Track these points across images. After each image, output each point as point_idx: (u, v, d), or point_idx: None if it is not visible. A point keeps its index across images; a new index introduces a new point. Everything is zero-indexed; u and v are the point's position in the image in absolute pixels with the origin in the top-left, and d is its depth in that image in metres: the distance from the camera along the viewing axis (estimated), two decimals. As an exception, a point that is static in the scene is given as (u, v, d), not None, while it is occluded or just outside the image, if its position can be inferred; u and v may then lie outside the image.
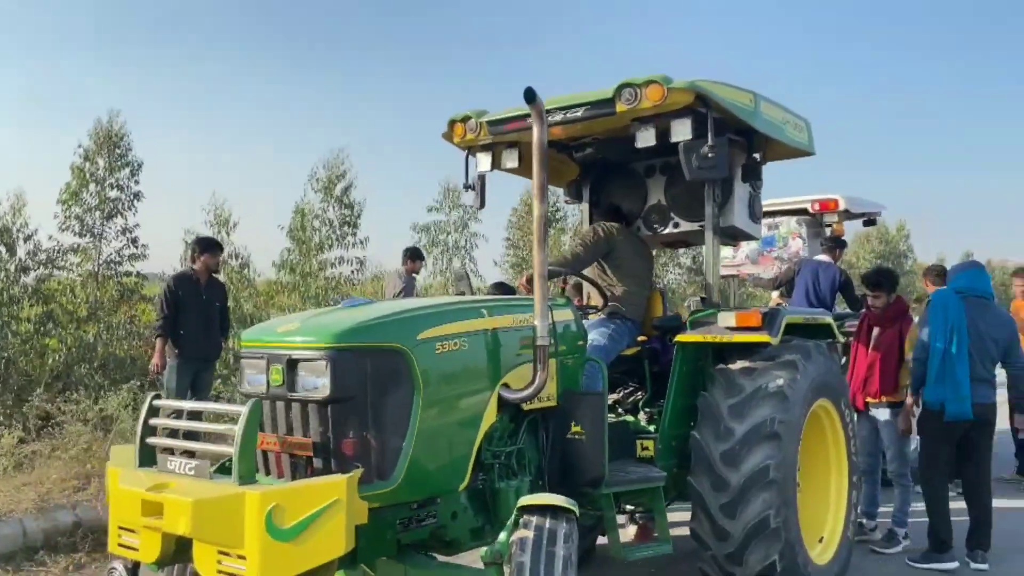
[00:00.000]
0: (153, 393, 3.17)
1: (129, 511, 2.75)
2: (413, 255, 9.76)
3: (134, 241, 13.06)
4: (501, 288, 4.94)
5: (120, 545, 2.88)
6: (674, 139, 4.29)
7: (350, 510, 2.62)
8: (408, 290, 9.29)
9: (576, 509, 2.99)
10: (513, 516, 2.99)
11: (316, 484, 2.66)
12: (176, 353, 6.81)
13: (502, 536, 3.00)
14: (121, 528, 2.88)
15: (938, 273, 7.50)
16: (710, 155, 4.17)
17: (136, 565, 2.96)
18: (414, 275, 9.79)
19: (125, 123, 12.31)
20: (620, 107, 4.19)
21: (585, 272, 4.77)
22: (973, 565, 5.22)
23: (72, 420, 7.06)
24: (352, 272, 14.28)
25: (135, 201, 12.73)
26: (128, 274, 11.90)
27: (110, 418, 7.27)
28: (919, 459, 5.67)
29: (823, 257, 7.56)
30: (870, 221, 9.20)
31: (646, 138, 4.36)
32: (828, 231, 8.46)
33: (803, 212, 8.33)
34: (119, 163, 12.24)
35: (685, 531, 4.29)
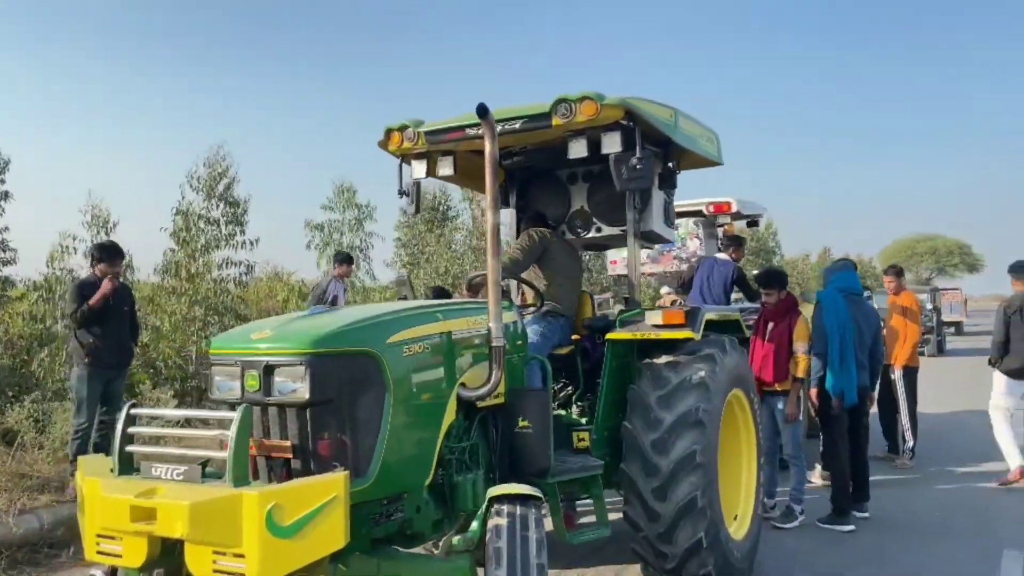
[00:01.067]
0: (130, 402, 3.19)
1: (115, 518, 2.78)
2: (344, 259, 9.83)
3: (2, 244, 12.36)
4: (440, 292, 5.14)
5: (99, 552, 2.91)
6: (605, 151, 4.62)
7: (347, 506, 2.78)
8: (336, 296, 9.21)
9: (542, 496, 3.25)
10: (484, 506, 3.21)
11: (316, 483, 2.79)
12: (86, 362, 6.57)
13: (474, 525, 3.21)
14: (100, 536, 2.90)
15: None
16: (638, 166, 4.53)
17: (114, 571, 3.00)
18: (346, 280, 9.80)
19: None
20: (556, 121, 4.48)
21: (522, 275, 5.04)
22: (858, 514, 6.18)
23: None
24: (240, 275, 13.81)
25: (3, 201, 12.05)
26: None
27: (12, 431, 6.94)
28: (824, 440, 6.29)
29: (723, 255, 8.14)
30: (753, 222, 9.94)
31: (578, 150, 4.68)
32: (720, 231, 9.09)
33: (699, 214, 8.91)
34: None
35: (617, 515, 4.64)
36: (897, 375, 8.39)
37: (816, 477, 7.45)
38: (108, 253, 6.99)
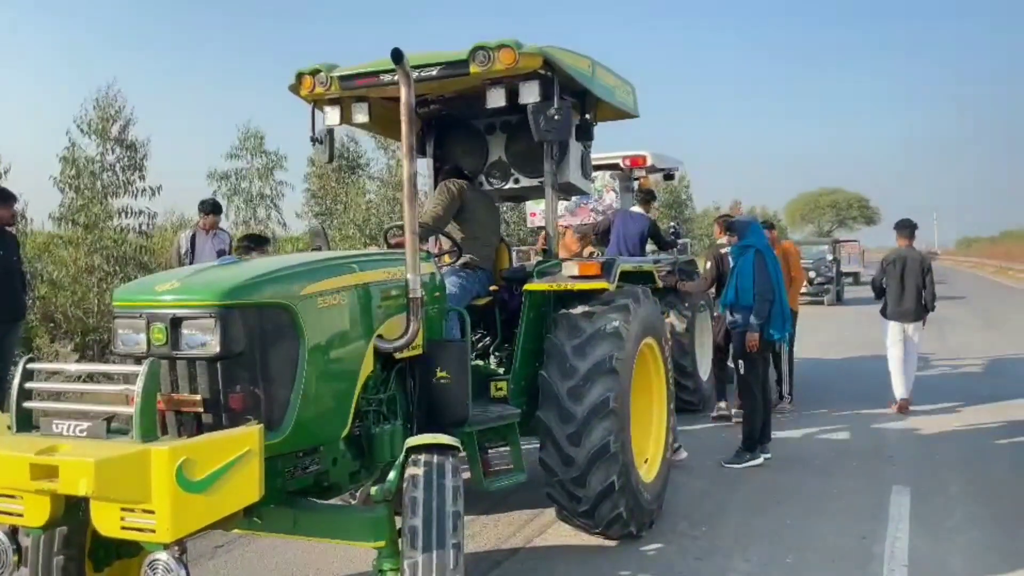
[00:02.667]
0: (26, 356, 3.03)
1: (14, 476, 2.65)
2: (212, 208, 8.85)
3: None
4: (256, 240, 5.05)
5: (-1, 512, 2.79)
6: (523, 100, 4.59)
7: (261, 459, 2.74)
8: (209, 249, 8.26)
9: (459, 445, 3.28)
10: (402, 456, 3.21)
11: (228, 436, 2.73)
12: None
13: (391, 475, 3.21)
14: (-1, 496, 2.78)
15: (729, 224, 8.47)
16: (556, 117, 4.52)
17: (15, 530, 2.88)
18: (212, 231, 8.67)
19: None
20: (474, 68, 4.41)
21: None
22: (763, 456, 6.71)
23: None
24: (141, 225, 13.13)
25: None
26: None
27: None
28: (748, 381, 6.68)
29: (637, 209, 8.28)
30: (669, 176, 10.11)
31: (496, 98, 4.63)
32: (636, 184, 9.22)
33: (615, 167, 9.01)
34: None
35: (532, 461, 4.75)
36: None
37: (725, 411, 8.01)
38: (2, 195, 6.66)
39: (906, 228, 8.71)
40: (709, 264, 8.06)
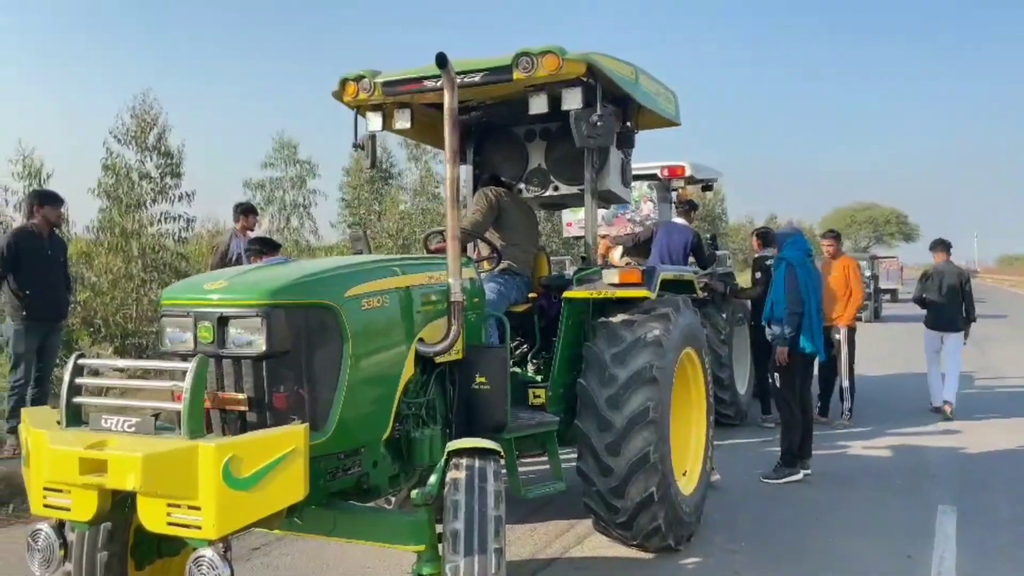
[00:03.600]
0: (77, 352, 3.07)
1: (63, 470, 2.68)
2: (246, 210, 8.94)
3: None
4: (265, 243, 5.07)
5: (46, 506, 2.81)
6: (565, 107, 4.58)
7: (306, 458, 2.74)
8: (239, 254, 8.53)
9: (500, 450, 3.25)
10: (443, 460, 3.19)
11: (274, 434, 2.74)
12: (23, 315, 6.32)
13: (432, 479, 3.19)
14: (47, 489, 2.81)
15: (764, 235, 8.49)
16: (599, 123, 4.50)
17: (61, 525, 2.91)
18: (249, 232, 8.86)
19: None
20: (517, 75, 4.41)
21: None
22: (803, 471, 6.58)
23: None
24: (180, 230, 13.32)
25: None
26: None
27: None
28: (786, 396, 6.58)
29: (679, 220, 8.22)
30: (708, 187, 10.02)
31: (539, 105, 4.63)
32: (674, 195, 9.16)
33: (653, 177, 8.95)
34: None
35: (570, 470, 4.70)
36: (843, 334, 8.64)
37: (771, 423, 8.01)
38: (47, 198, 6.73)
39: (941, 245, 9.44)
40: (759, 274, 8.17)
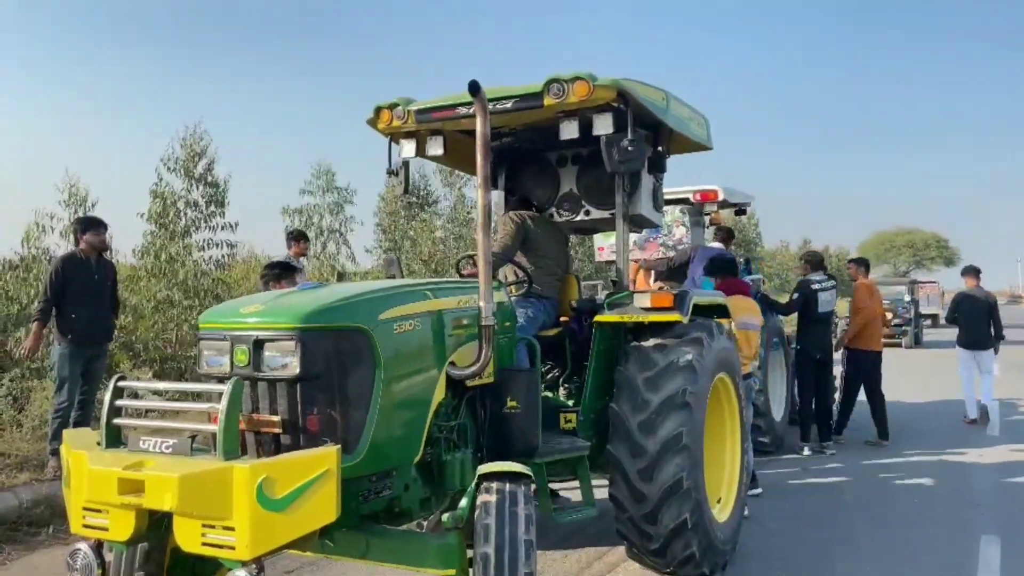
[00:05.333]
0: (118, 374, 3.14)
1: (102, 491, 2.74)
2: (298, 237, 9.39)
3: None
4: (283, 267, 5.13)
5: (85, 526, 2.87)
6: (596, 132, 4.60)
7: (339, 479, 2.76)
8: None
9: (531, 474, 3.25)
10: (473, 484, 3.20)
11: (307, 456, 2.77)
12: (68, 339, 6.47)
13: (463, 502, 3.20)
14: (86, 509, 2.87)
15: (812, 259, 8.63)
16: (630, 148, 4.52)
17: (100, 545, 2.96)
18: (302, 258, 9.47)
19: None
20: (548, 101, 4.45)
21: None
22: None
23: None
24: (223, 256, 13.63)
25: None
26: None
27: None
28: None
29: (717, 245, 8.19)
30: (741, 211, 9.97)
31: (570, 130, 4.66)
32: (707, 219, 9.12)
33: (686, 202, 8.92)
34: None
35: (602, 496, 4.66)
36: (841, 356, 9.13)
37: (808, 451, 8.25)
38: (89, 224, 6.85)
39: (972, 271, 10.45)
40: (796, 295, 8.40)
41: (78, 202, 12.10)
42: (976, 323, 10.08)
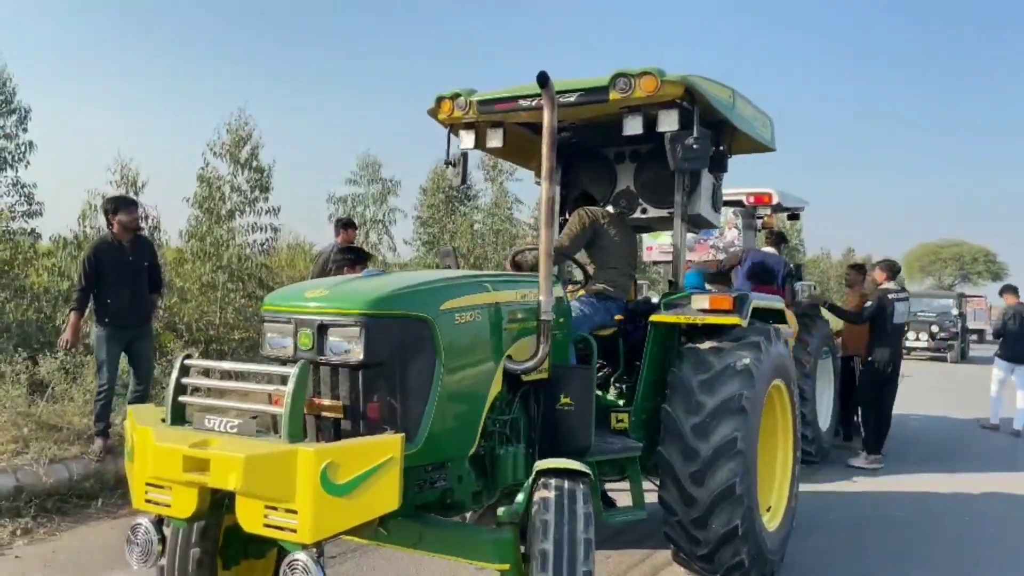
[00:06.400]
0: (184, 352, 3.16)
1: (167, 467, 2.76)
2: (346, 224, 9.40)
3: (28, 196, 12.35)
4: (354, 251, 5.08)
5: (148, 501, 2.89)
6: (661, 129, 4.53)
7: (402, 468, 2.75)
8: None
9: (590, 472, 3.21)
10: (531, 479, 3.16)
11: (373, 443, 2.76)
12: (105, 321, 6.33)
13: (519, 498, 3.16)
14: (149, 485, 2.89)
15: (891, 267, 8.51)
16: (695, 146, 4.44)
17: (161, 520, 2.98)
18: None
19: (6, 65, 11.57)
20: (614, 95, 4.39)
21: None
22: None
23: (5, 383, 6.72)
24: (267, 240, 13.77)
25: (27, 152, 12.08)
26: (22, 232, 11.24)
27: (43, 382, 6.98)
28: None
29: (769, 249, 8.06)
30: (794, 215, 9.80)
31: (634, 126, 4.59)
32: (759, 223, 8.98)
33: (739, 204, 8.79)
34: (3, 108, 11.52)
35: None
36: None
37: (862, 462, 8.11)
38: (120, 203, 6.59)
39: (1010, 289, 11.20)
40: (870, 303, 8.25)
41: (129, 183, 12.34)
42: (1020, 337, 10.77)
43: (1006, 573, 5.25)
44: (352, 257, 6.45)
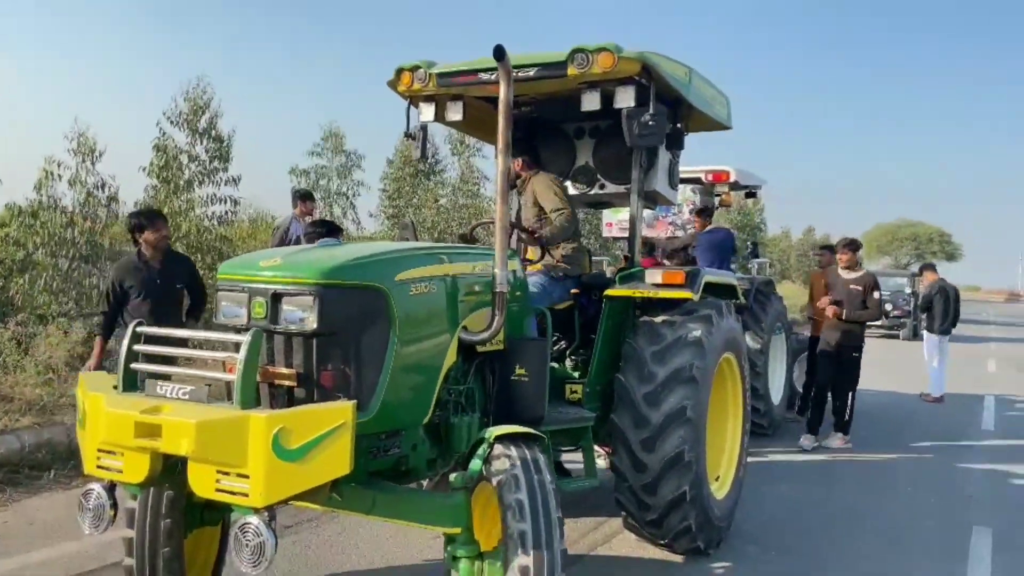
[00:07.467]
0: (137, 319, 3.16)
1: (119, 433, 2.77)
2: (304, 196, 9.27)
3: (-20, 167, 11.98)
4: (326, 225, 5.11)
5: (99, 467, 2.91)
6: (618, 105, 4.58)
7: (354, 433, 2.79)
8: (299, 236, 8.63)
9: (545, 436, 3.29)
10: (485, 446, 3.20)
11: (324, 409, 2.80)
12: None
13: (474, 464, 3.20)
14: (101, 451, 2.90)
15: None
16: (651, 123, 4.50)
17: (113, 486, 3.00)
18: (307, 218, 9.32)
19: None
20: (571, 71, 4.43)
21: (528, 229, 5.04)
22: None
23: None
24: (226, 212, 13.56)
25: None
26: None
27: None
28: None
29: (723, 226, 8.21)
30: (751, 193, 9.95)
31: (591, 102, 4.63)
32: (717, 200, 9.11)
33: (697, 182, 8.91)
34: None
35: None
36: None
37: (839, 443, 8.01)
38: (147, 219, 5.81)
39: (931, 267, 12.20)
40: (877, 294, 7.97)
41: (86, 151, 12.05)
42: (945, 312, 11.40)
43: (948, 538, 5.47)
44: (323, 231, 6.34)
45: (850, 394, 8.01)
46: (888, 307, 21.17)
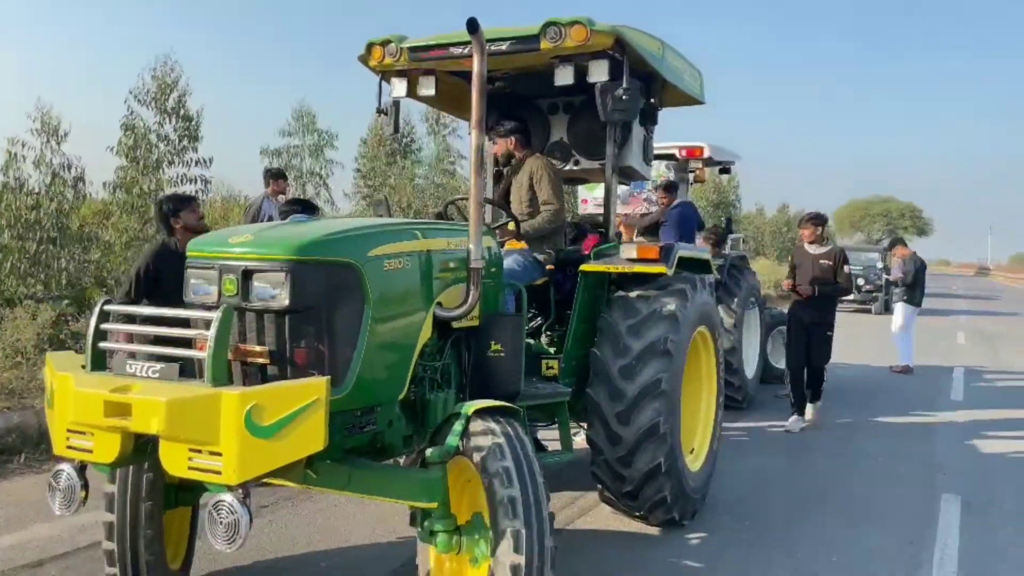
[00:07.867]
0: (104, 298, 3.11)
1: (88, 413, 2.73)
2: (276, 175, 9.25)
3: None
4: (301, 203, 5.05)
5: (69, 447, 2.87)
6: (591, 79, 4.56)
7: (327, 410, 2.77)
8: (271, 215, 8.54)
9: (520, 410, 3.29)
10: (462, 421, 3.19)
11: (297, 385, 2.77)
12: None
13: (451, 439, 3.19)
14: (70, 431, 2.86)
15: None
16: (624, 97, 4.49)
17: (83, 466, 2.96)
18: (280, 197, 9.26)
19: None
20: (544, 44, 4.40)
21: (509, 207, 5.01)
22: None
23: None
24: (197, 192, 13.34)
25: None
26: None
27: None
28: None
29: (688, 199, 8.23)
30: (725, 169, 9.98)
31: (564, 76, 4.61)
32: (691, 176, 9.13)
33: (671, 157, 8.92)
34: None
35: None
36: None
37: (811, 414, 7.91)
38: (181, 203, 5.43)
39: (901, 241, 12.85)
40: (847, 267, 7.83)
41: (50, 131, 11.79)
42: (919, 284, 11.79)
43: (918, 506, 5.57)
44: (299, 209, 6.20)
45: (823, 370, 7.91)
46: (860, 282, 21.38)
